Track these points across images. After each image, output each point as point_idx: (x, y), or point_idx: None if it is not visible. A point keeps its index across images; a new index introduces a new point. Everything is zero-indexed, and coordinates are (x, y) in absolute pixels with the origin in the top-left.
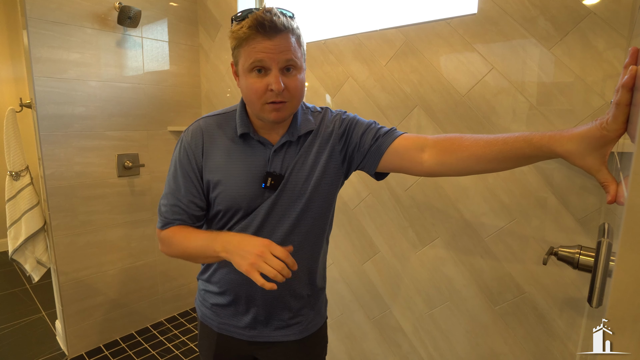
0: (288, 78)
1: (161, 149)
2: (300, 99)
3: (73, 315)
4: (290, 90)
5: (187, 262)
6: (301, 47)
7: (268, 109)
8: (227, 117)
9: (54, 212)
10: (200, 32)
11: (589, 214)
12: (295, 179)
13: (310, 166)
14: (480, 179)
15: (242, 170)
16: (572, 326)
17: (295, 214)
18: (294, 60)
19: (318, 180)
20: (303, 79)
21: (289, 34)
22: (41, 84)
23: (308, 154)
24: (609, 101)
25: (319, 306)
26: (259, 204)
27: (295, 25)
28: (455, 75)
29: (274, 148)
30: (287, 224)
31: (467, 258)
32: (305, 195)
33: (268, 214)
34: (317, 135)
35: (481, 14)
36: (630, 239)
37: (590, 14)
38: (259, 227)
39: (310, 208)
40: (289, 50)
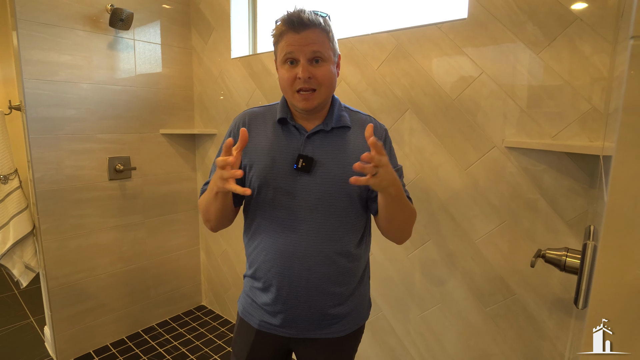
0: (316, 68)
1: (153, 152)
2: (328, 87)
3: (62, 320)
4: (318, 77)
5: (179, 265)
6: (331, 42)
7: (298, 98)
8: (270, 108)
9: (44, 215)
10: (192, 35)
11: (577, 216)
12: (328, 165)
13: (344, 158)
14: (471, 182)
15: (277, 151)
16: (561, 327)
17: (326, 199)
18: (320, 52)
19: (349, 174)
20: (332, 70)
21: (317, 28)
22: (31, 86)
23: (343, 147)
24: (595, 105)
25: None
26: (292, 185)
27: (325, 22)
28: (446, 79)
29: (307, 134)
30: (319, 207)
31: (459, 260)
32: (335, 183)
33: (302, 197)
34: (355, 134)
35: (471, 18)
36: (609, 243)
37: (577, 19)
38: (294, 208)
39: (338, 197)
40: (316, 43)
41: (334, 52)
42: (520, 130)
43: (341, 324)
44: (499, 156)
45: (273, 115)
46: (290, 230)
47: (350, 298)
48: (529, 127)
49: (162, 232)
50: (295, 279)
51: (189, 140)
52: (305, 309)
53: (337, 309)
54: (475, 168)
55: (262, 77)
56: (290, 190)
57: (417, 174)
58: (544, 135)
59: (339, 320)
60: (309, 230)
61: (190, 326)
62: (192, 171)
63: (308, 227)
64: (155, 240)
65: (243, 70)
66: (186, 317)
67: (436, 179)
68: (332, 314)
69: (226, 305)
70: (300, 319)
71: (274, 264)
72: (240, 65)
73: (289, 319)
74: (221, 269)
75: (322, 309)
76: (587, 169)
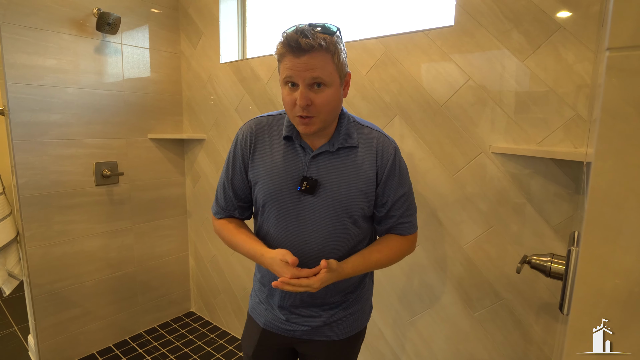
0: (316, 94)
1: (141, 157)
2: (329, 113)
3: (47, 329)
4: (317, 105)
5: (167, 271)
6: (336, 64)
7: (297, 122)
8: (277, 118)
9: (28, 222)
10: (181, 39)
11: (562, 221)
12: (332, 187)
13: (348, 180)
14: (459, 187)
15: (281, 171)
16: (548, 331)
17: (329, 221)
18: (320, 77)
19: (352, 194)
20: (334, 95)
21: (318, 52)
22: (15, 91)
23: (348, 168)
24: (579, 112)
25: (355, 311)
26: (296, 206)
27: (329, 42)
28: (434, 85)
29: (312, 154)
30: (322, 227)
31: (447, 265)
32: (338, 205)
33: (305, 217)
34: (362, 154)
35: (458, 26)
36: (589, 251)
37: (560, 28)
38: (297, 228)
39: (341, 219)
40: (316, 69)
41: (340, 73)
42: (507, 136)
43: (342, 327)
44: (486, 162)
45: (279, 128)
46: (292, 248)
47: (352, 304)
48: (515, 133)
49: (151, 238)
50: (297, 292)
51: (177, 145)
52: (307, 315)
53: (339, 314)
54: (463, 174)
55: (251, 82)
56: (293, 209)
57: None
58: (530, 141)
59: (341, 323)
60: (311, 248)
61: (179, 333)
62: (180, 176)
63: (310, 246)
64: (143, 247)
65: (232, 75)
66: (175, 324)
67: (424, 185)
68: (334, 319)
69: (216, 312)
70: (302, 322)
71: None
72: (229, 70)
73: (292, 321)
74: (210, 275)
75: (324, 315)
76: (572, 175)
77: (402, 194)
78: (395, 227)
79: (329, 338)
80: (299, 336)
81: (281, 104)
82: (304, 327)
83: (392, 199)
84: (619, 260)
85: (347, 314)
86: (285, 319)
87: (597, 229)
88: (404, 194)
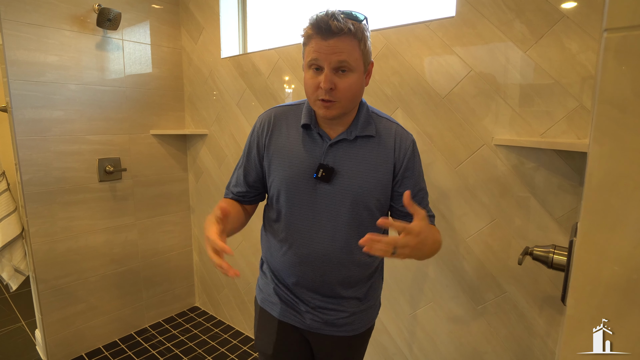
0: (340, 78)
1: (144, 153)
2: (351, 99)
3: (53, 323)
4: (340, 90)
5: (171, 266)
6: (362, 51)
7: (318, 105)
8: (296, 108)
9: (32, 218)
10: (182, 35)
11: (566, 213)
12: (348, 176)
13: (365, 170)
14: (461, 180)
15: (298, 158)
16: (551, 324)
17: (344, 210)
18: (347, 62)
19: (371, 185)
20: (358, 82)
21: (347, 36)
22: (17, 87)
23: (365, 158)
24: (583, 103)
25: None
26: (311, 194)
27: (357, 28)
28: (435, 77)
29: (330, 142)
30: (337, 216)
31: (450, 259)
32: (354, 195)
33: (320, 206)
34: (380, 144)
35: (459, 17)
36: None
37: (564, 17)
38: (312, 217)
39: (356, 209)
40: (343, 52)
41: (366, 60)
42: (510, 128)
43: (353, 324)
44: (488, 154)
45: (298, 117)
46: (306, 237)
47: (362, 299)
48: (518, 125)
49: (154, 233)
50: (309, 282)
51: (180, 141)
52: (318, 309)
53: (350, 309)
54: (465, 166)
55: (252, 77)
56: (309, 197)
57: None
58: (533, 133)
59: (351, 320)
60: (324, 238)
61: (183, 327)
62: (183, 172)
63: (324, 235)
64: (147, 242)
65: (233, 70)
66: (179, 319)
67: (426, 178)
68: (344, 315)
69: (220, 307)
70: (312, 317)
71: (289, 266)
72: (230, 65)
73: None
74: (214, 270)
75: (334, 311)
76: (575, 167)
77: (422, 188)
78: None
79: (339, 334)
80: (310, 329)
81: (282, 99)
82: (314, 323)
83: (413, 191)
84: (617, 247)
85: (357, 311)
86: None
87: (594, 216)
88: (422, 188)
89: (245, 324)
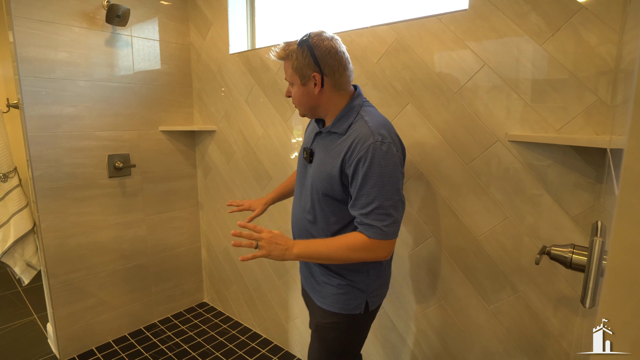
0: (291, 89)
1: (152, 149)
2: (297, 104)
3: (64, 318)
4: (292, 98)
5: (180, 262)
6: (294, 69)
7: None
8: None
9: (44, 213)
10: (191, 31)
11: (582, 211)
12: (318, 161)
13: (323, 159)
14: (473, 176)
15: (304, 142)
16: (566, 325)
17: (312, 189)
18: (287, 79)
19: (323, 173)
20: (298, 90)
21: (285, 60)
22: (28, 84)
23: (329, 149)
24: (601, 97)
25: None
26: (304, 172)
27: (288, 52)
28: (447, 71)
29: (316, 132)
30: (307, 195)
31: (461, 257)
32: (315, 176)
33: (305, 183)
34: (343, 142)
35: (472, 9)
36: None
37: (582, 8)
38: (299, 189)
39: (314, 189)
40: (285, 73)
41: (300, 75)
42: (524, 124)
43: (320, 294)
44: (502, 150)
45: None
46: (294, 209)
47: (326, 269)
48: (533, 121)
49: (163, 229)
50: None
51: (188, 137)
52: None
53: (320, 279)
54: (478, 163)
55: (260, 72)
56: (303, 175)
57: (417, 169)
58: (548, 129)
59: (319, 289)
60: (299, 211)
61: (192, 323)
62: (192, 168)
63: (300, 209)
64: (156, 238)
65: (241, 65)
66: (188, 314)
67: (437, 174)
68: (315, 277)
69: (228, 303)
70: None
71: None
72: (238, 61)
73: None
74: (222, 267)
75: (313, 278)
76: (593, 163)
77: (366, 193)
78: (360, 225)
79: (314, 298)
80: (307, 289)
81: None
82: (304, 279)
83: (355, 194)
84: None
85: (323, 281)
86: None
87: (629, 217)
88: (367, 194)
89: (254, 321)
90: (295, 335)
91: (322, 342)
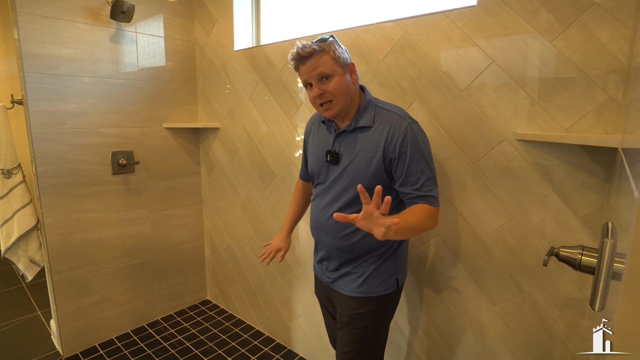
0: (326, 84)
1: (156, 146)
2: (343, 94)
3: (68, 314)
4: (329, 91)
5: (183, 260)
6: (334, 59)
7: (322, 110)
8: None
9: (47, 210)
10: (195, 27)
11: (591, 212)
12: (347, 160)
13: (358, 155)
14: (480, 176)
15: (317, 147)
16: (572, 327)
17: (340, 188)
18: (324, 72)
19: (362, 167)
20: (342, 80)
21: (316, 54)
22: (32, 80)
23: (359, 145)
24: (612, 95)
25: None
26: (326, 175)
27: (323, 46)
28: (454, 69)
29: (336, 133)
30: (339, 194)
31: (467, 257)
32: (353, 173)
33: (331, 184)
34: (374, 133)
35: (481, 5)
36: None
37: (594, 4)
38: (325, 192)
39: (350, 189)
40: (319, 66)
41: (342, 64)
42: (532, 123)
43: (346, 282)
44: (509, 149)
45: (322, 117)
46: (317, 210)
47: (360, 265)
48: (541, 119)
49: (167, 226)
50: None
51: (192, 134)
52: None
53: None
54: (484, 162)
55: (265, 69)
56: (324, 178)
57: None
58: (557, 128)
59: (344, 277)
60: (329, 211)
61: (195, 320)
62: (196, 165)
63: (329, 210)
64: (159, 235)
65: (246, 62)
66: (191, 312)
67: (443, 173)
68: (342, 272)
69: (231, 300)
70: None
71: (313, 228)
72: (243, 58)
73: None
74: (226, 264)
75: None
76: (602, 163)
77: (415, 170)
78: (416, 199)
79: (340, 290)
80: (326, 283)
81: (295, 92)
82: (328, 278)
83: (405, 173)
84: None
85: (349, 271)
86: (319, 261)
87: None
88: (416, 171)
89: (257, 318)
90: (297, 334)
91: (356, 332)
